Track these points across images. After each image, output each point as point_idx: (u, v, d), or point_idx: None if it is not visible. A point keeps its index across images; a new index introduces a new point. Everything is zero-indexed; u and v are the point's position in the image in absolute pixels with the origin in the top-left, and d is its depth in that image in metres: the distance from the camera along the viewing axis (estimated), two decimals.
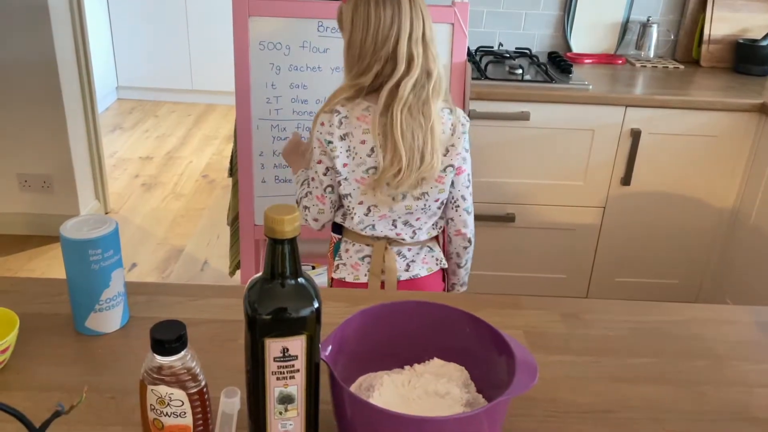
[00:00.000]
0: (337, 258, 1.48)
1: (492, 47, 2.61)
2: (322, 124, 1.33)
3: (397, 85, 1.27)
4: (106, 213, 3.19)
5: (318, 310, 0.65)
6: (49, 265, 2.71)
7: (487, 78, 2.24)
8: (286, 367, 0.65)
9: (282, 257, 0.63)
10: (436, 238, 1.50)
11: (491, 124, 2.21)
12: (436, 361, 0.82)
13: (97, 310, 0.92)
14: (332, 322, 0.80)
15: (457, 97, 1.98)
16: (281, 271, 0.64)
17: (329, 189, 1.39)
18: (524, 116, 2.20)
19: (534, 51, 2.61)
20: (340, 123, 1.32)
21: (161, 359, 0.70)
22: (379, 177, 1.31)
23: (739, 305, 1.13)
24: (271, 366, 0.65)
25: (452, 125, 1.36)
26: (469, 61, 2.41)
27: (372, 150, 1.32)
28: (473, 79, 2.20)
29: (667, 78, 2.44)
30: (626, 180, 2.29)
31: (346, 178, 1.35)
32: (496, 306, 1.08)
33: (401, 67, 1.27)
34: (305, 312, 0.64)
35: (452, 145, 1.36)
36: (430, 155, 1.30)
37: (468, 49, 2.54)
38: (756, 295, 2.23)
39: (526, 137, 2.24)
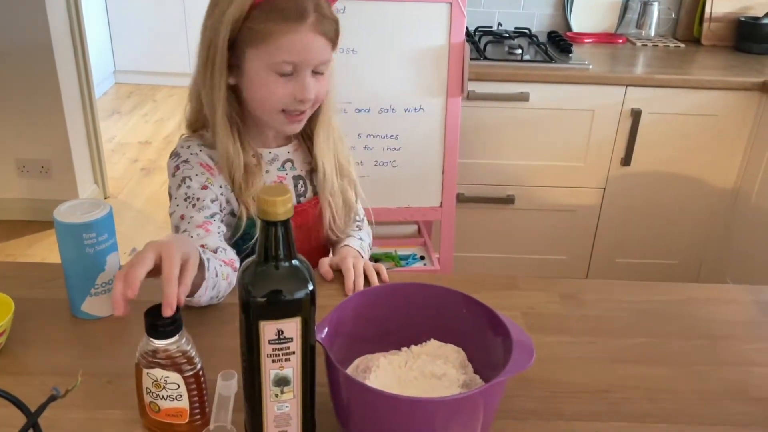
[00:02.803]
0: None
1: (491, 27, 2.59)
2: None
3: None
4: (105, 198, 3.18)
5: (313, 292, 0.65)
6: (50, 250, 2.71)
7: (486, 58, 2.22)
8: (282, 349, 0.65)
9: (275, 239, 0.63)
10: None
11: (490, 105, 2.19)
12: (433, 343, 0.82)
13: (93, 294, 0.92)
14: (329, 304, 0.80)
15: (455, 78, 1.96)
16: (275, 253, 0.63)
17: None
18: (524, 97, 2.18)
19: (534, 31, 2.58)
20: None
21: (156, 342, 0.70)
22: None
23: (738, 284, 1.12)
24: (266, 348, 0.64)
25: None
26: (467, 41, 2.38)
27: None
28: (472, 59, 2.18)
29: (668, 57, 2.42)
30: (626, 160, 2.28)
31: None
32: (495, 287, 1.08)
33: None
34: (300, 294, 0.64)
35: None
36: None
37: (467, 29, 2.52)
38: (757, 274, 2.22)
39: (526, 118, 2.22)
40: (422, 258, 2.15)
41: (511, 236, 2.43)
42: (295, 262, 0.65)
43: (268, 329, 0.64)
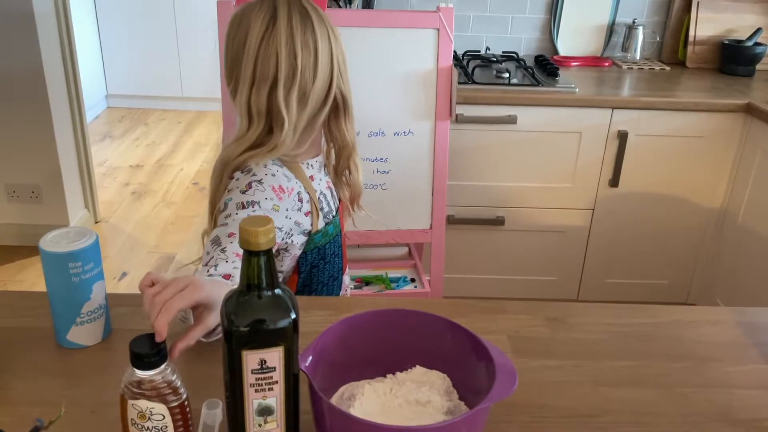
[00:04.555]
0: None
1: (479, 51, 2.62)
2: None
3: None
4: (96, 222, 3.18)
5: (295, 321, 0.65)
6: (39, 276, 2.68)
7: (474, 82, 2.25)
8: (264, 378, 0.65)
9: (257, 269, 0.63)
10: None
11: (479, 128, 2.22)
12: (419, 369, 0.82)
13: (79, 323, 0.92)
14: (314, 330, 0.80)
15: (443, 102, 1.98)
16: (257, 282, 0.64)
17: None
18: (511, 120, 2.20)
19: (521, 54, 2.61)
20: None
21: (141, 373, 0.70)
22: None
23: (723, 306, 1.13)
24: (248, 378, 0.65)
25: None
26: (456, 65, 2.41)
27: None
28: (460, 83, 2.20)
29: (654, 79, 2.45)
30: (614, 181, 2.30)
31: None
32: (481, 311, 1.09)
33: None
34: (282, 323, 0.64)
35: None
36: None
37: (455, 53, 2.55)
38: (745, 293, 2.24)
39: (514, 140, 2.24)
40: (413, 280, 2.16)
41: (502, 257, 2.44)
42: (277, 291, 0.65)
43: (250, 359, 0.64)
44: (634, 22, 2.61)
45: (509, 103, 2.20)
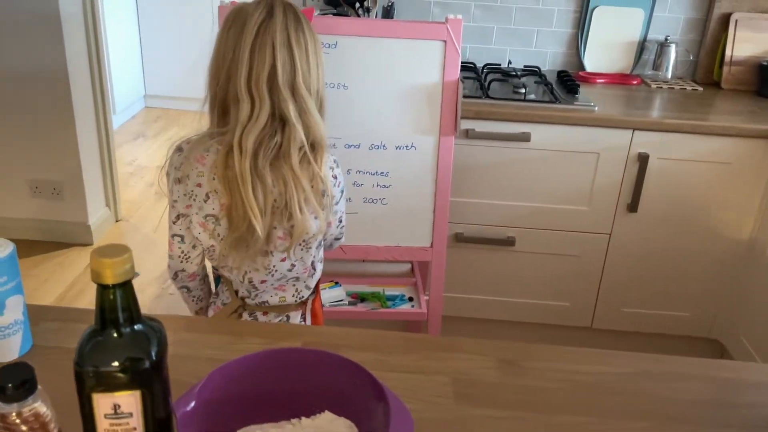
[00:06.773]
0: (213, 295, 1.44)
1: (500, 65, 2.53)
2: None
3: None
4: (117, 221, 3.21)
5: (157, 362, 0.60)
6: (54, 271, 2.74)
7: (488, 97, 2.16)
8: (120, 425, 0.59)
9: (112, 305, 0.58)
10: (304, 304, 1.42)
11: (491, 144, 2.13)
12: (327, 415, 0.76)
13: None
14: (221, 358, 0.75)
15: (448, 116, 1.91)
16: (113, 318, 0.58)
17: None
18: (525, 137, 2.11)
19: (545, 69, 2.51)
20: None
21: (4, 407, 0.65)
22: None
23: (700, 358, 1.02)
24: (102, 423, 0.59)
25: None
26: (474, 78, 2.33)
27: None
28: (474, 97, 2.13)
29: (684, 100, 2.31)
30: (633, 206, 2.17)
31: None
32: (431, 348, 1.01)
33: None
34: (138, 363, 0.59)
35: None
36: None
37: (474, 66, 2.48)
38: None
39: (527, 159, 2.15)
40: (410, 299, 2.08)
41: (511, 279, 2.34)
42: (138, 326, 0.60)
43: (102, 403, 0.58)
44: (666, 40, 2.47)
45: (523, 120, 2.10)
